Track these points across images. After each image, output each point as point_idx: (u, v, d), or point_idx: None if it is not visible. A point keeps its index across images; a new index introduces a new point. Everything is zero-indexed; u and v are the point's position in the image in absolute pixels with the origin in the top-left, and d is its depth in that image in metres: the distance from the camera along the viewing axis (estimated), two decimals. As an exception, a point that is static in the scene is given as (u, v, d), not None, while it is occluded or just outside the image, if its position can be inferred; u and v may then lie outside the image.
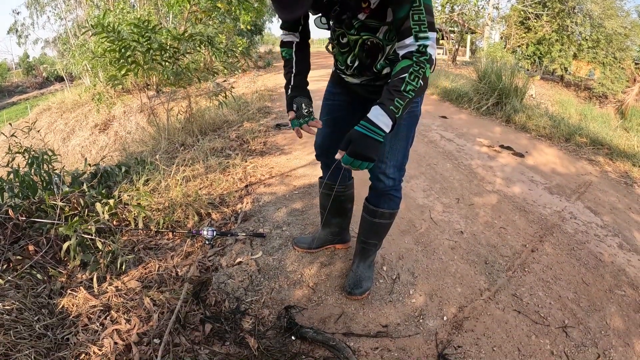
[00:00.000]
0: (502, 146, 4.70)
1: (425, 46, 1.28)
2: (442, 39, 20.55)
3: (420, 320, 1.82)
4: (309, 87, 1.68)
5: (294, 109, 1.55)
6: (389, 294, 1.98)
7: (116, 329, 1.64)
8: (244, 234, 2.42)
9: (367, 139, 1.27)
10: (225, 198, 2.98)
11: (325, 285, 2.03)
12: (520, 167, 4.01)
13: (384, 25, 1.43)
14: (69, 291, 1.85)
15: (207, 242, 2.29)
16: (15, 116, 18.11)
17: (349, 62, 1.59)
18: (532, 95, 11.29)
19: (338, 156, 1.31)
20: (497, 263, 2.28)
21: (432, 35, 1.29)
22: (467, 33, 19.75)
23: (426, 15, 1.27)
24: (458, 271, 2.18)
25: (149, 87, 8.78)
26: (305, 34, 1.70)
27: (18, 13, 43.72)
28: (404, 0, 1.27)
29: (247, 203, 2.92)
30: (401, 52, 1.32)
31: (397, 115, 1.27)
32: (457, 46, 19.63)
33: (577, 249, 2.53)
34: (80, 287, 1.87)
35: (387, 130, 1.28)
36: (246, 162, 3.78)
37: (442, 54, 25.25)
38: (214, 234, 2.29)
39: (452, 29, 18.96)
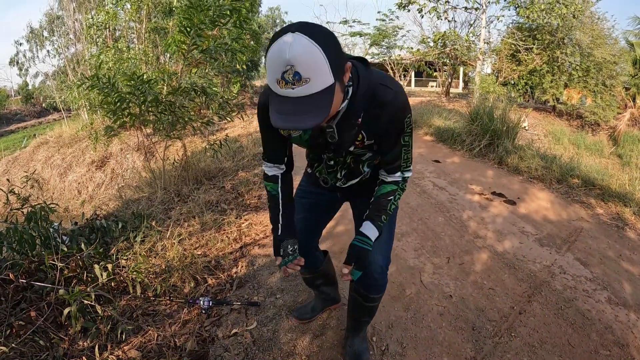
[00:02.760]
0: (494, 193, 4.81)
1: (408, 178, 1.57)
2: (436, 71, 21.02)
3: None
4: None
5: (281, 253, 1.57)
6: (378, 367, 2.06)
7: None
8: (239, 303, 2.50)
9: (364, 251, 1.52)
10: (221, 261, 3.09)
11: (317, 357, 2.10)
12: (511, 216, 4.10)
13: (370, 152, 1.55)
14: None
15: (203, 311, 2.38)
16: (13, 145, 18.44)
17: (338, 176, 1.68)
18: (525, 127, 11.47)
19: (345, 271, 1.52)
20: (484, 329, 2.34)
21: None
22: (459, 65, 20.22)
23: (411, 152, 1.49)
24: (446, 339, 2.24)
25: (145, 124, 8.98)
26: (290, 166, 1.68)
27: (20, 44, 44.65)
28: (397, 144, 1.45)
29: (242, 267, 3.02)
30: (388, 179, 1.55)
31: (381, 227, 1.56)
32: (450, 79, 20.11)
33: (564, 308, 2.58)
34: (84, 357, 1.95)
35: (373, 240, 1.54)
36: (241, 219, 3.90)
37: (436, 87, 25.81)
38: (210, 303, 2.38)
39: (445, 61, 19.42)
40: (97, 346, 2.01)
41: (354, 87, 1.29)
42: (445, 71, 20.87)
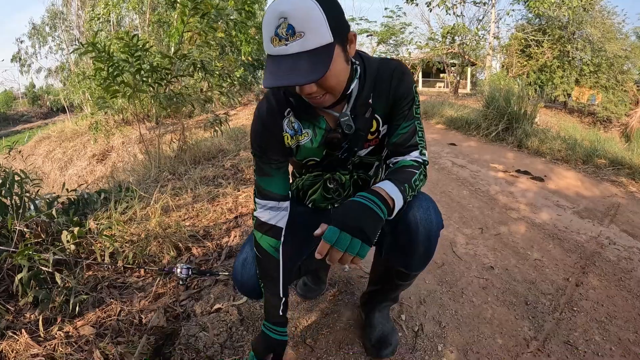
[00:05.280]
0: (518, 171, 4.37)
1: (427, 163, 1.22)
2: (443, 72, 20.63)
3: (456, 384, 1.43)
4: None
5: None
6: (411, 351, 1.57)
7: None
8: (227, 273, 2.00)
9: (367, 210, 0.99)
10: (211, 230, 2.61)
11: (327, 342, 1.61)
12: (542, 191, 3.66)
13: (377, 161, 1.35)
14: (9, 333, 1.51)
15: (180, 283, 1.91)
16: (13, 143, 18.15)
17: (336, 205, 1.41)
18: (536, 122, 11.06)
19: (318, 232, 0.98)
20: (540, 303, 1.89)
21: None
22: (467, 66, 19.80)
23: (423, 131, 1.25)
24: (495, 317, 1.79)
25: (149, 117, 8.64)
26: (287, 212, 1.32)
27: (22, 42, 44.76)
28: (410, 116, 1.21)
29: (235, 236, 2.53)
30: (407, 158, 1.21)
31: (407, 199, 1.10)
32: (458, 78, 19.67)
33: (624, 279, 2.15)
34: (24, 330, 1.53)
35: (395, 207, 1.05)
36: (238, 191, 3.43)
37: (444, 87, 25.37)
38: (190, 272, 1.87)
39: (453, 61, 19.01)
40: (41, 320, 1.58)
41: (362, 68, 1.18)
42: (452, 72, 20.45)
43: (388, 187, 1.05)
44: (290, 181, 1.44)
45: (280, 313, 1.26)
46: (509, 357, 1.55)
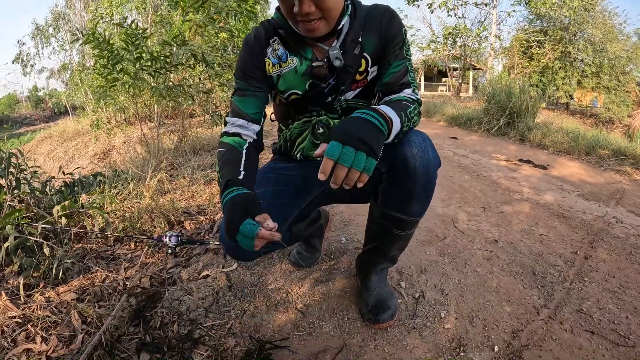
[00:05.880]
0: (521, 160, 4.28)
1: (420, 102, 1.17)
2: (445, 75, 20.61)
3: (461, 354, 1.30)
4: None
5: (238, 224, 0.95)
6: (411, 317, 1.46)
7: (28, 349, 1.22)
8: (217, 243, 1.88)
9: (369, 124, 0.91)
10: (205, 208, 2.52)
11: (320, 308, 1.50)
12: (545, 177, 3.57)
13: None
14: None
15: (169, 252, 1.80)
16: (12, 145, 18.10)
17: None
18: (540, 122, 10.98)
19: (319, 151, 0.88)
20: (549, 274, 1.79)
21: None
22: (468, 69, 19.77)
23: (414, 72, 1.23)
24: (502, 286, 1.68)
25: (150, 118, 8.59)
26: (260, 140, 1.26)
27: (23, 44, 45.02)
28: (401, 56, 1.19)
29: None
30: (401, 94, 1.16)
31: (405, 128, 1.04)
32: (460, 81, 19.62)
33: (635, 254, 2.04)
34: (3, 293, 1.45)
35: (393, 129, 0.98)
36: (236, 173, 3.33)
37: (446, 90, 25.30)
38: (179, 240, 1.77)
39: (455, 65, 18.98)
40: (22, 283, 1.48)
41: (353, 8, 1.20)
42: (454, 76, 20.41)
43: (385, 109, 0.98)
44: (278, 139, 1.44)
45: (241, 178, 1.09)
46: (518, 324, 1.44)
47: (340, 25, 1.16)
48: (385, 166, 1.12)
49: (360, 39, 1.19)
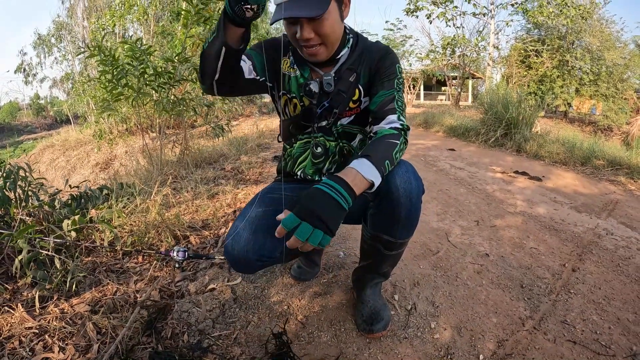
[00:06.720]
0: (516, 172, 4.38)
1: (407, 131, 1.24)
2: (445, 84, 20.73)
3: (449, 361, 1.41)
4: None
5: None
6: (403, 328, 1.55)
7: (46, 358, 1.30)
8: (222, 257, 1.97)
9: (331, 201, 0.98)
10: (210, 222, 2.62)
11: (319, 319, 1.60)
12: (540, 189, 3.66)
13: (361, 133, 1.41)
14: (5, 308, 1.53)
15: (177, 265, 1.90)
16: (17, 155, 18.19)
17: (324, 170, 1.45)
18: (537, 131, 11.08)
19: (281, 216, 0.98)
20: (536, 286, 1.88)
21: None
22: (467, 78, 19.90)
23: (404, 101, 1.29)
24: (490, 298, 1.78)
25: (152, 128, 8.69)
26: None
27: (25, 54, 45.61)
28: (390, 85, 1.28)
29: None
30: (386, 126, 1.23)
31: (383, 171, 1.10)
32: (459, 90, 19.77)
33: (622, 265, 2.14)
34: (19, 305, 1.55)
35: (375, 186, 1.07)
36: (238, 189, 3.43)
37: (445, 99, 25.44)
38: (186, 255, 1.85)
39: (454, 74, 19.12)
40: (37, 295, 1.58)
41: (354, 40, 1.33)
42: (454, 85, 20.55)
43: (365, 169, 1.05)
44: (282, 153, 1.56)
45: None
46: (504, 334, 1.53)
47: (339, 55, 1.30)
48: (372, 195, 1.21)
49: (358, 70, 1.32)
